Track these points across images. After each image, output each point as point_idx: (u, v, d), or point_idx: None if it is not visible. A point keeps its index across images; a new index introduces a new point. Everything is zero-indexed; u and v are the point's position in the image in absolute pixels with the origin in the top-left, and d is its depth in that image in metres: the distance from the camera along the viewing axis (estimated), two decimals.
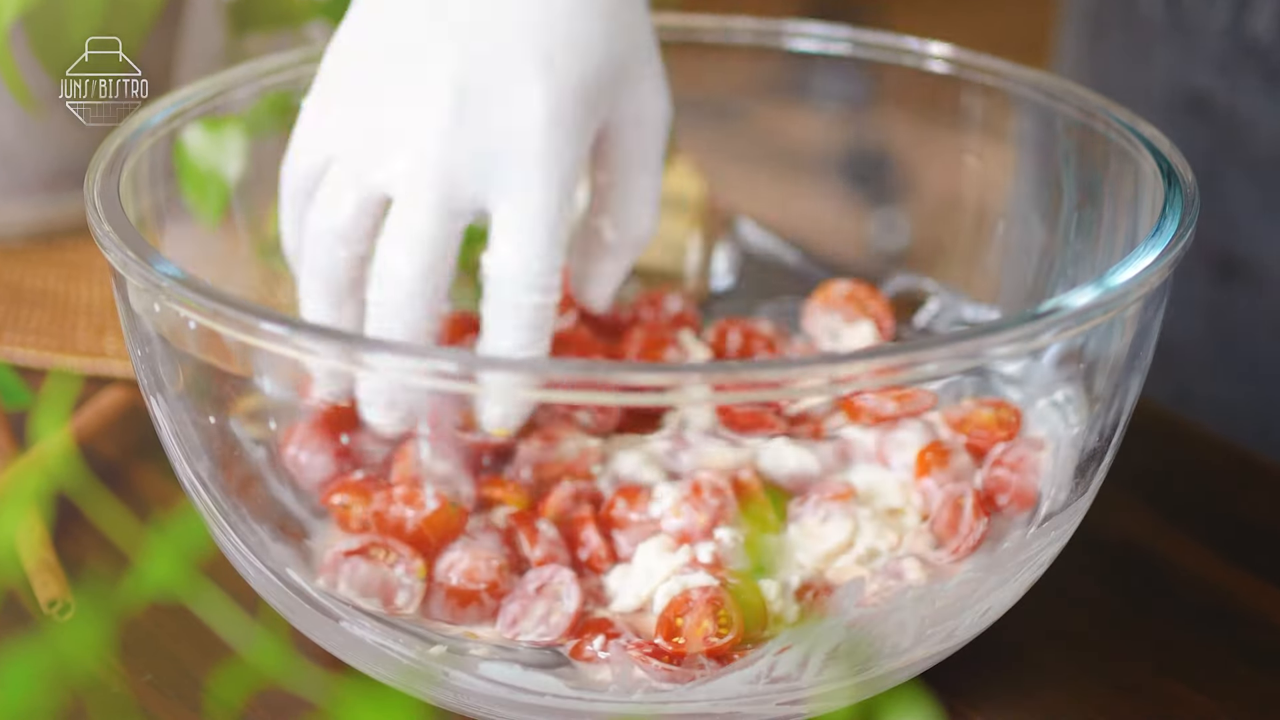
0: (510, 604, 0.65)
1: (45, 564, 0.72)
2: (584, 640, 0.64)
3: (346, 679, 0.65)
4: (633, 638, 0.64)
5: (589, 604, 0.66)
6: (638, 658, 0.62)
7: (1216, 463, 0.84)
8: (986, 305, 0.83)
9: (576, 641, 0.64)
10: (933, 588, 0.64)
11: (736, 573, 0.65)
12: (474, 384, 0.60)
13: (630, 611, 0.66)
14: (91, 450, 0.81)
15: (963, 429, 0.71)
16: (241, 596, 0.66)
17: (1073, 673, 0.70)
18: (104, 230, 0.64)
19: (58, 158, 0.96)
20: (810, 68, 0.85)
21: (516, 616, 0.65)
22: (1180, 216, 0.66)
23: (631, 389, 0.58)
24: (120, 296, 0.66)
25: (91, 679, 0.67)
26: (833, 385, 0.59)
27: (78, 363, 0.88)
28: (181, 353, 0.65)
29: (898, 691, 0.64)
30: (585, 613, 0.66)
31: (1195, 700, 0.69)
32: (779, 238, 0.89)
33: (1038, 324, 0.60)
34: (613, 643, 0.63)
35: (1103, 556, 0.76)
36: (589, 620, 0.65)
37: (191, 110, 0.75)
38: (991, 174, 0.83)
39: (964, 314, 0.84)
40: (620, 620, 0.65)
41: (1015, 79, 0.79)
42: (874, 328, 0.79)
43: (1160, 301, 0.67)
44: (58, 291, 0.94)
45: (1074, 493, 0.68)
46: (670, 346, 0.78)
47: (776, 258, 0.89)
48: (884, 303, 0.80)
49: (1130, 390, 0.68)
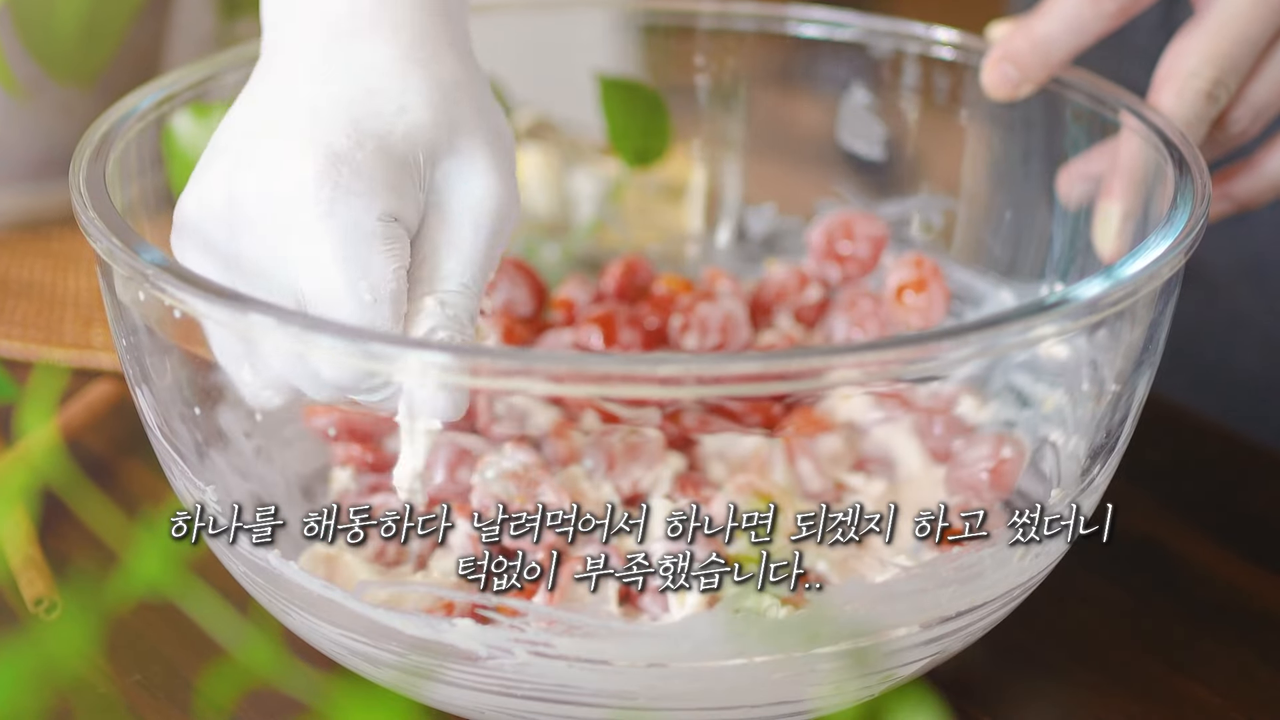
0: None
1: (31, 561, 0.72)
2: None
3: (339, 679, 0.65)
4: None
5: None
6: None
7: (1231, 457, 0.84)
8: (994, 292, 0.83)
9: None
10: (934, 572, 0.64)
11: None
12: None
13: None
14: (79, 445, 0.81)
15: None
16: (232, 594, 0.66)
17: (1084, 673, 0.70)
18: (89, 218, 0.64)
19: (44, 145, 0.96)
20: (815, 53, 0.85)
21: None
22: (1192, 207, 0.66)
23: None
24: (106, 286, 0.66)
25: (78, 679, 0.67)
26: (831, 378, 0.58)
27: (65, 355, 0.88)
28: (168, 344, 0.65)
29: (904, 691, 0.64)
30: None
31: (1210, 701, 0.69)
32: (781, 225, 0.89)
33: (1046, 315, 0.59)
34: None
35: (1114, 553, 0.76)
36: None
37: (180, 95, 0.75)
38: (999, 161, 0.83)
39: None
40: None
41: None
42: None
43: (1171, 293, 0.66)
44: (44, 283, 0.93)
45: (1082, 488, 0.67)
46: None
47: (779, 243, 0.89)
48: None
49: (1140, 383, 0.67)
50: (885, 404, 0.73)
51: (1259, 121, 0.74)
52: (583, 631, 0.62)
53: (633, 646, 0.62)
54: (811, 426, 0.72)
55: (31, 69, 0.89)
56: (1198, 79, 0.72)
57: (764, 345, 0.80)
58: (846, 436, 0.72)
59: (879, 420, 0.73)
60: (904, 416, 0.73)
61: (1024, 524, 0.67)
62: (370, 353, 0.58)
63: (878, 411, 0.73)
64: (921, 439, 0.74)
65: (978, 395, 0.76)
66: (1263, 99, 0.73)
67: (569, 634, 0.62)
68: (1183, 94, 0.72)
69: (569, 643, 0.62)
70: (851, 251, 0.82)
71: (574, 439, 0.71)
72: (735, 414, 0.72)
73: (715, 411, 0.72)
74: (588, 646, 0.62)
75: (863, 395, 0.72)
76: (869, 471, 0.73)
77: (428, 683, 0.63)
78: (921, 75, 0.83)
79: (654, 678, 0.62)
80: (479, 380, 0.59)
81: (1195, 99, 0.72)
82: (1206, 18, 0.72)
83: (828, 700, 0.62)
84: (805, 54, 0.85)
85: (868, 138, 0.87)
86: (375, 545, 0.69)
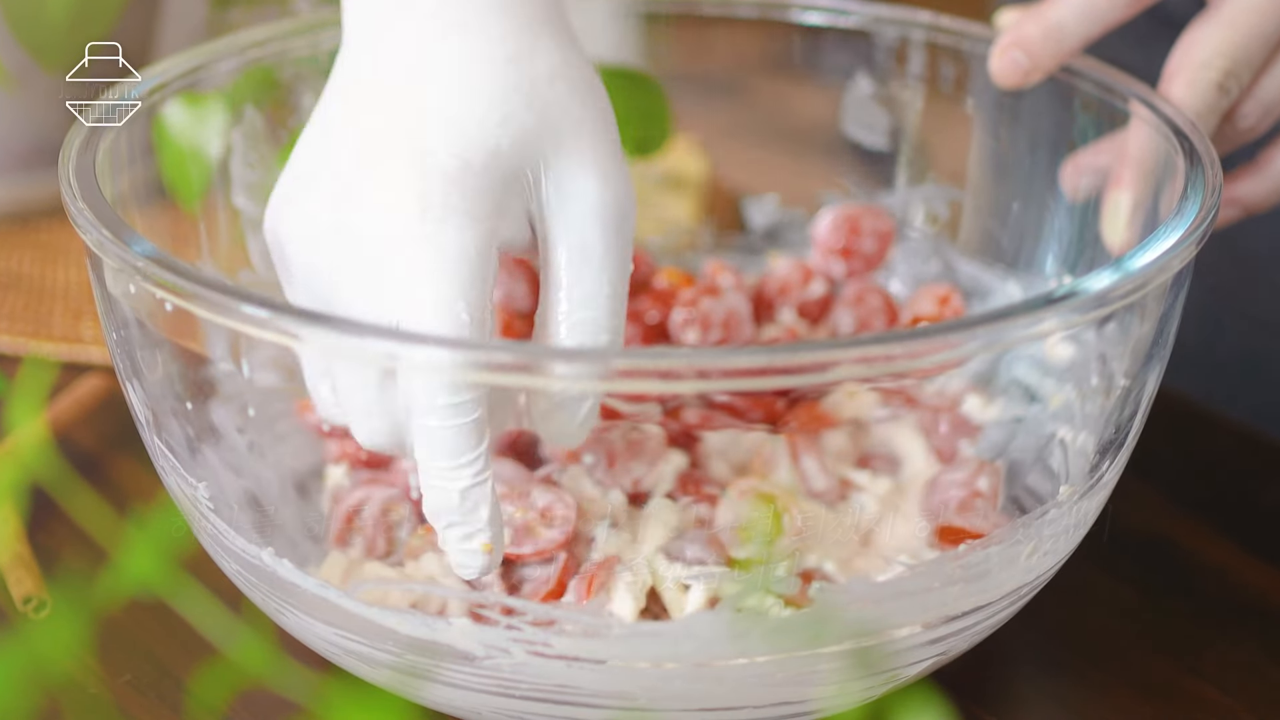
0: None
1: (20, 559, 0.72)
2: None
3: (333, 679, 0.65)
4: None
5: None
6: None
7: (1241, 454, 0.84)
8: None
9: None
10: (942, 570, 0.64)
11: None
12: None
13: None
14: (68, 440, 0.81)
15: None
16: (224, 593, 0.66)
17: (1092, 672, 0.70)
18: (79, 209, 0.63)
19: (33, 135, 0.96)
20: (818, 41, 0.84)
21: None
22: (1203, 197, 0.65)
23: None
24: (96, 278, 0.65)
25: (68, 679, 0.66)
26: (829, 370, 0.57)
27: (54, 349, 0.88)
28: (159, 337, 0.65)
29: (909, 691, 0.64)
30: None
31: (1221, 701, 0.69)
32: (783, 216, 0.89)
33: (1054, 308, 0.59)
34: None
35: (1122, 552, 0.76)
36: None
37: (172, 85, 0.74)
38: (1006, 151, 0.83)
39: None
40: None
41: None
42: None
43: (1182, 285, 0.66)
44: (33, 275, 0.93)
45: (1090, 485, 0.67)
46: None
47: (781, 235, 0.89)
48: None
49: (1150, 378, 0.67)
50: (890, 400, 0.72)
51: (1268, 118, 0.74)
52: (582, 631, 0.62)
53: (633, 646, 0.61)
54: (815, 423, 0.72)
55: (20, 58, 0.89)
56: (1210, 70, 0.71)
57: (767, 340, 0.80)
58: (851, 433, 0.72)
59: (884, 417, 0.72)
60: (909, 413, 0.73)
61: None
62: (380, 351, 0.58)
63: (883, 408, 0.73)
64: (927, 436, 0.73)
65: (983, 392, 0.76)
66: (1273, 95, 0.73)
67: (568, 633, 0.62)
68: (1194, 84, 0.71)
69: (567, 642, 0.61)
70: (857, 247, 0.81)
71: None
72: (738, 410, 0.71)
73: (717, 407, 0.71)
74: (587, 646, 0.61)
75: (868, 391, 0.71)
76: (873, 469, 0.72)
77: (424, 683, 0.63)
78: (927, 63, 0.83)
79: (654, 678, 0.62)
80: (477, 375, 0.58)
81: (1207, 90, 0.71)
82: (1220, 10, 0.72)
83: (831, 701, 0.62)
84: (808, 42, 0.85)
85: (872, 127, 0.87)
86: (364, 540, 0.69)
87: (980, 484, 0.69)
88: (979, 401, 0.76)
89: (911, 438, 0.73)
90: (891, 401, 0.73)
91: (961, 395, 0.76)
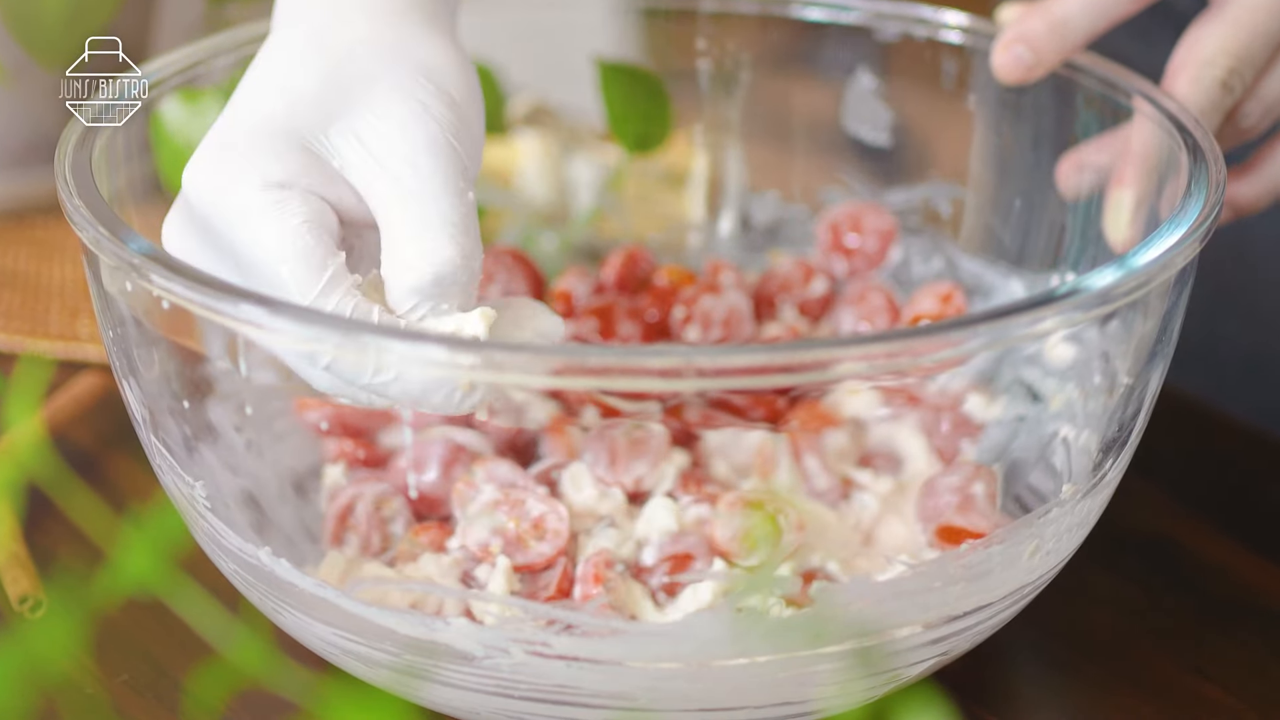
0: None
1: (16, 558, 0.72)
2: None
3: (331, 679, 0.65)
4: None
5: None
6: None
7: (1245, 452, 0.83)
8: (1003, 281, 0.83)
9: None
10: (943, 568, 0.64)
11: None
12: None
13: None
14: (64, 439, 0.81)
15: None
16: (221, 592, 0.66)
17: (1095, 671, 0.70)
18: (75, 205, 0.63)
19: (29, 131, 0.96)
20: (819, 37, 0.84)
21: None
22: (1206, 194, 0.65)
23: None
24: (93, 276, 0.65)
25: (64, 679, 0.66)
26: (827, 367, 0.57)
27: (50, 347, 0.88)
28: (156, 335, 0.65)
29: (910, 691, 0.64)
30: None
31: (1224, 700, 0.69)
32: (785, 213, 0.89)
33: (1057, 306, 0.59)
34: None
35: (1125, 551, 0.75)
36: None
37: (169, 81, 0.74)
38: (1008, 148, 0.82)
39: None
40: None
41: None
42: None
43: (1186, 283, 0.66)
44: (29, 272, 0.93)
45: (1093, 483, 0.67)
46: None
47: (782, 232, 0.89)
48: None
49: (1153, 376, 0.67)
50: (892, 399, 0.72)
51: (1269, 118, 0.74)
52: (581, 630, 0.62)
53: (633, 646, 0.61)
54: (817, 421, 0.72)
55: (16, 53, 0.89)
56: (1213, 68, 0.71)
57: (768, 338, 0.79)
58: (852, 432, 0.72)
59: (885, 416, 0.72)
60: (911, 412, 0.73)
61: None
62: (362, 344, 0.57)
63: (884, 407, 0.72)
64: (928, 436, 0.73)
65: (985, 391, 0.75)
66: (1275, 95, 0.73)
67: (567, 633, 0.61)
68: (1198, 81, 0.71)
69: (567, 642, 0.61)
70: (859, 245, 0.81)
71: (571, 435, 0.70)
72: (739, 408, 0.71)
73: (718, 406, 0.71)
74: (586, 646, 0.61)
75: (869, 389, 0.71)
76: (875, 468, 0.72)
77: (423, 683, 0.63)
78: (929, 59, 0.83)
79: (655, 678, 0.62)
80: (475, 374, 0.58)
81: (1211, 87, 0.71)
82: (1225, 9, 0.72)
83: (832, 701, 0.62)
84: (810, 37, 0.84)
85: (874, 124, 0.87)
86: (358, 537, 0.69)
87: (975, 489, 0.68)
88: (981, 400, 0.76)
89: (913, 437, 0.73)
90: (893, 400, 0.73)
91: (963, 394, 0.76)
